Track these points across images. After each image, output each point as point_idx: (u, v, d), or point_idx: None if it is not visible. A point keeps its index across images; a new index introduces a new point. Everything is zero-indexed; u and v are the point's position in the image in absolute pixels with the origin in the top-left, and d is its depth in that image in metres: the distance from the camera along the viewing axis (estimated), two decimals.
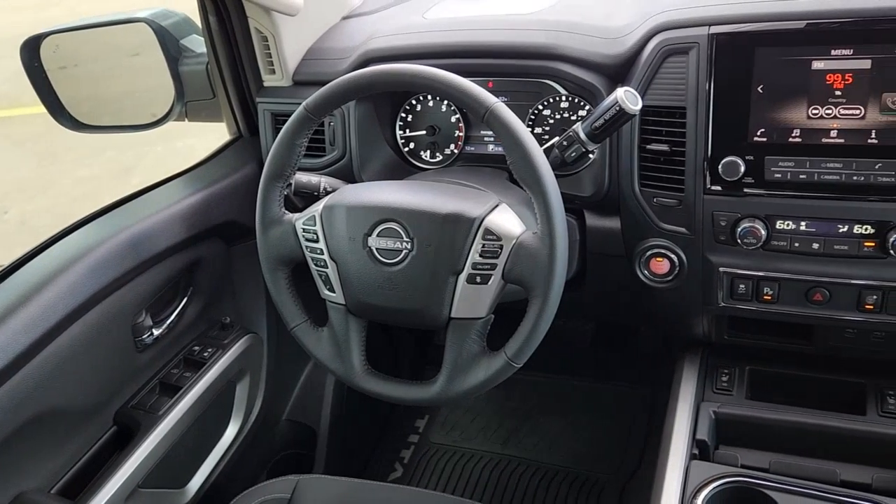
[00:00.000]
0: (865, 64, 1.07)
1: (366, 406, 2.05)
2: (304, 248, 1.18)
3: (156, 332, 1.40)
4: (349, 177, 1.46)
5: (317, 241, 1.16)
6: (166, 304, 1.46)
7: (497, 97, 1.39)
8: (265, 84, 1.56)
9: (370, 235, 1.11)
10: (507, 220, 1.08)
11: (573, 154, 1.18)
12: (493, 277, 1.07)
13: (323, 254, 1.16)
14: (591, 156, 1.32)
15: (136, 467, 1.28)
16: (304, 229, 1.17)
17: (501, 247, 1.06)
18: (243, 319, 1.62)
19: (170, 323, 1.43)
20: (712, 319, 1.33)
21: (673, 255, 1.25)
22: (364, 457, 2.08)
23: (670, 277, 1.27)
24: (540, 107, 1.38)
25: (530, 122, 1.39)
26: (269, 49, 1.50)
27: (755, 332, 1.35)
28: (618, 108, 1.10)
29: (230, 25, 1.49)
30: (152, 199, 1.42)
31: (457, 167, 1.48)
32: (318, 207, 1.17)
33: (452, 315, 1.10)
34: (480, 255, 1.06)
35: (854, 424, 1.23)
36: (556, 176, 1.36)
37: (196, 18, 1.56)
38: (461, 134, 1.47)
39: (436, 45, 1.36)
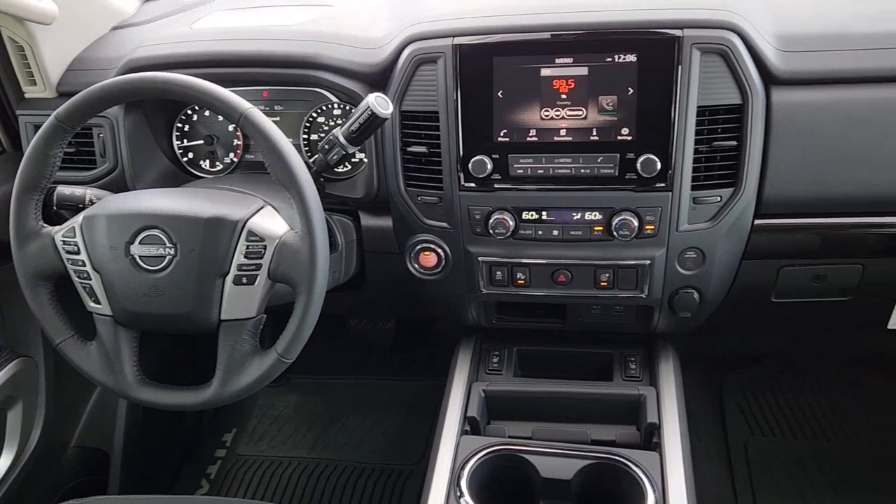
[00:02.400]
0: (583, 71, 1.22)
1: (166, 424, 2.00)
2: (65, 261, 1.15)
3: None
4: (123, 189, 1.43)
5: (78, 252, 1.14)
6: None
7: (273, 105, 1.46)
8: (26, 96, 1.50)
9: (132, 243, 1.11)
10: (271, 222, 1.13)
11: (335, 157, 1.25)
12: (259, 278, 1.10)
13: (85, 265, 1.14)
14: (360, 158, 1.40)
15: None
16: (63, 242, 1.15)
17: (265, 247, 1.10)
18: (16, 343, 1.53)
19: None
20: (480, 306, 1.45)
21: (439, 249, 1.35)
22: (168, 477, 2.02)
23: (438, 269, 1.37)
24: (314, 114, 1.43)
25: (306, 129, 1.44)
26: (26, 59, 1.44)
27: (519, 315, 1.49)
28: (370, 113, 1.18)
29: None
30: None
31: (236, 175, 1.50)
32: (78, 219, 1.15)
33: (222, 317, 1.12)
34: (245, 257, 1.10)
35: (602, 389, 1.38)
36: (330, 179, 1.43)
37: None
38: (240, 143, 1.50)
39: (201, 54, 1.37)
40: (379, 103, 1.18)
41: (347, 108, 1.42)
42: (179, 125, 1.50)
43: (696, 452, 1.79)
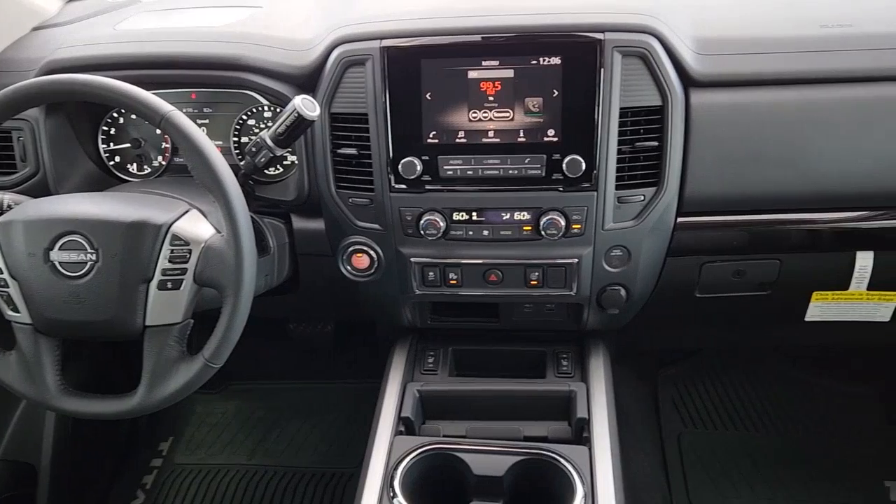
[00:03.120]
0: (509, 73, 1.24)
1: (98, 434, 1.95)
2: None
3: None
4: (46, 194, 1.39)
5: None
6: None
7: (202, 108, 1.44)
8: None
9: (52, 249, 1.08)
10: (196, 225, 1.11)
11: (262, 159, 1.24)
12: (184, 282, 1.09)
13: (2, 273, 1.11)
14: (292, 161, 1.39)
15: None
16: None
17: (190, 251, 1.09)
18: None
19: None
20: (414, 307, 1.46)
21: (371, 250, 1.36)
22: (101, 489, 1.97)
23: (371, 271, 1.37)
24: (244, 117, 1.42)
25: (237, 132, 1.43)
26: None
27: (454, 315, 1.50)
28: (296, 115, 1.18)
29: None
30: None
31: (164, 178, 1.47)
32: None
33: (147, 323, 1.10)
34: (169, 261, 1.08)
35: (535, 386, 1.41)
36: (261, 182, 1.42)
37: None
38: (168, 145, 1.47)
39: (124, 55, 1.35)
40: (306, 105, 1.18)
41: (278, 110, 1.41)
42: (105, 128, 1.47)
43: (630, 445, 1.84)
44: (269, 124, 1.42)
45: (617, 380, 1.98)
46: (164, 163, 1.48)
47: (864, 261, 1.36)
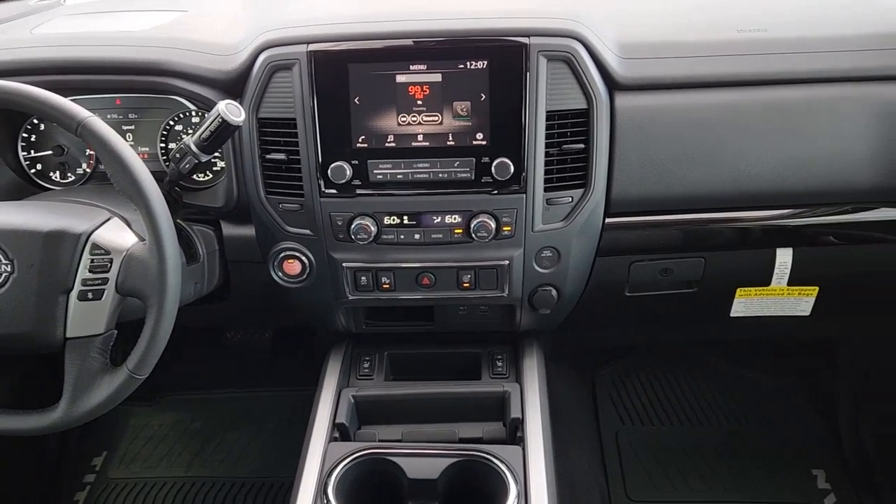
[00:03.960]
0: (437, 77, 1.25)
1: (27, 450, 1.89)
2: None
3: None
4: None
5: None
6: None
7: (127, 114, 1.41)
8: None
9: None
10: (117, 234, 1.09)
11: (187, 166, 1.22)
12: (106, 292, 1.06)
13: None
14: (221, 167, 1.37)
15: None
16: None
17: (111, 260, 1.06)
18: None
19: None
20: (348, 312, 1.45)
21: (302, 256, 1.35)
22: None
23: (303, 277, 1.36)
24: (171, 122, 1.39)
25: (164, 138, 1.40)
26: None
27: (388, 320, 1.50)
28: (220, 120, 1.16)
29: None
30: None
31: (88, 186, 1.43)
32: None
33: (68, 335, 1.07)
34: (90, 271, 1.06)
35: (470, 388, 1.41)
36: (189, 189, 1.40)
37: None
38: (93, 152, 1.43)
39: (41, 60, 1.31)
40: (230, 110, 1.17)
41: (205, 115, 1.39)
42: (25, 135, 1.43)
43: (568, 443, 1.86)
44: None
45: (554, 378, 2.01)
46: (88, 170, 1.45)
47: (784, 257, 1.41)
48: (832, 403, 2.08)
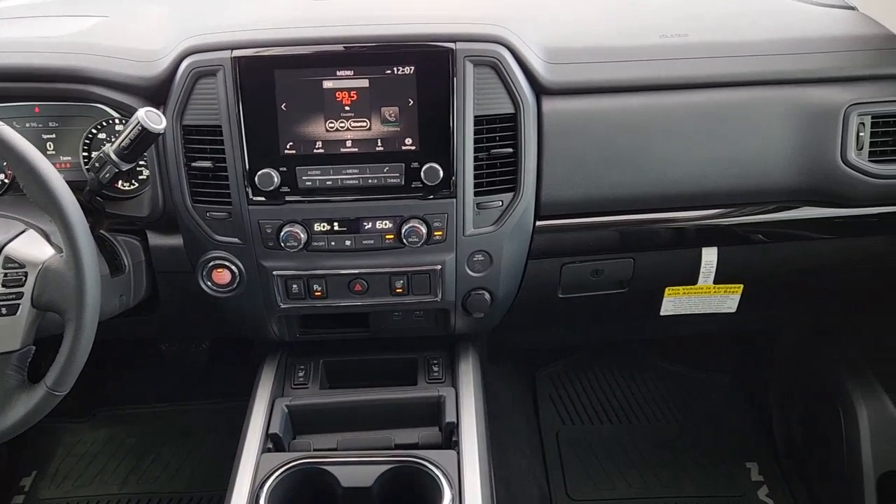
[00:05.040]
0: (364, 83, 1.25)
1: None
2: None
3: None
4: None
5: None
6: None
7: (47, 122, 1.37)
8: None
9: None
10: (32, 246, 1.06)
11: (107, 175, 1.19)
12: (21, 307, 1.03)
13: None
14: (147, 175, 1.34)
15: None
16: None
17: (26, 274, 1.03)
18: None
19: None
20: (281, 320, 1.43)
21: (232, 265, 1.32)
22: None
23: (233, 286, 1.34)
24: (94, 130, 1.36)
25: (86, 146, 1.36)
26: None
27: (323, 327, 1.48)
28: (140, 128, 1.14)
29: None
30: None
31: (6, 197, 1.38)
32: None
33: None
34: (3, 285, 1.02)
35: (406, 394, 1.41)
36: (113, 199, 1.36)
37: None
38: None
39: None
40: (150, 118, 1.14)
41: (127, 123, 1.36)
42: None
43: (507, 445, 1.88)
44: None
45: (494, 381, 2.03)
46: (6, 181, 1.39)
47: (710, 256, 1.45)
48: (765, 397, 2.14)
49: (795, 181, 1.39)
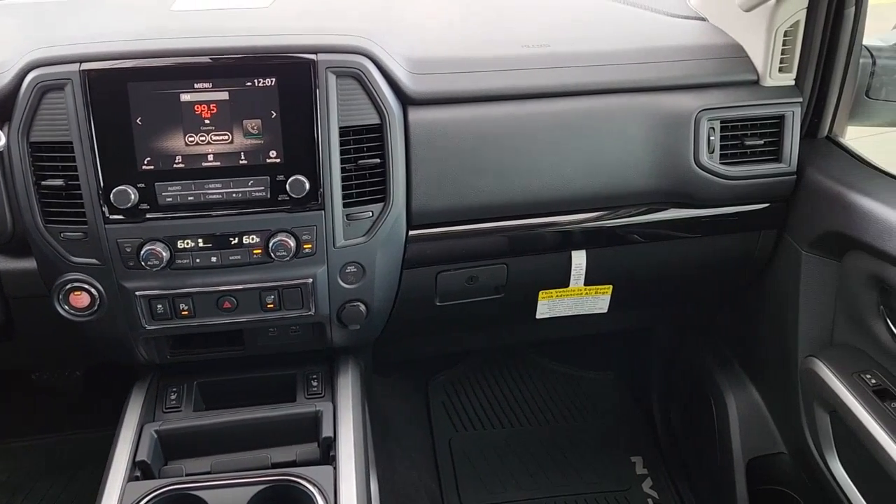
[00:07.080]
0: (224, 95, 1.22)
1: None
2: None
3: None
4: None
5: None
6: None
7: None
8: None
9: None
10: None
11: None
12: None
13: None
14: None
15: None
16: None
17: None
18: None
19: None
20: (149, 342, 1.38)
21: (91, 287, 1.26)
22: None
23: (93, 309, 1.28)
24: None
25: None
26: None
27: (196, 347, 1.43)
28: None
29: None
30: None
31: None
32: None
33: None
34: None
35: (283, 411, 1.38)
36: None
37: None
38: None
39: None
40: None
41: None
42: None
43: (397, 456, 1.87)
44: None
45: (386, 393, 2.02)
46: None
47: (579, 259, 1.49)
48: (647, 392, 2.22)
49: (655, 184, 1.45)
